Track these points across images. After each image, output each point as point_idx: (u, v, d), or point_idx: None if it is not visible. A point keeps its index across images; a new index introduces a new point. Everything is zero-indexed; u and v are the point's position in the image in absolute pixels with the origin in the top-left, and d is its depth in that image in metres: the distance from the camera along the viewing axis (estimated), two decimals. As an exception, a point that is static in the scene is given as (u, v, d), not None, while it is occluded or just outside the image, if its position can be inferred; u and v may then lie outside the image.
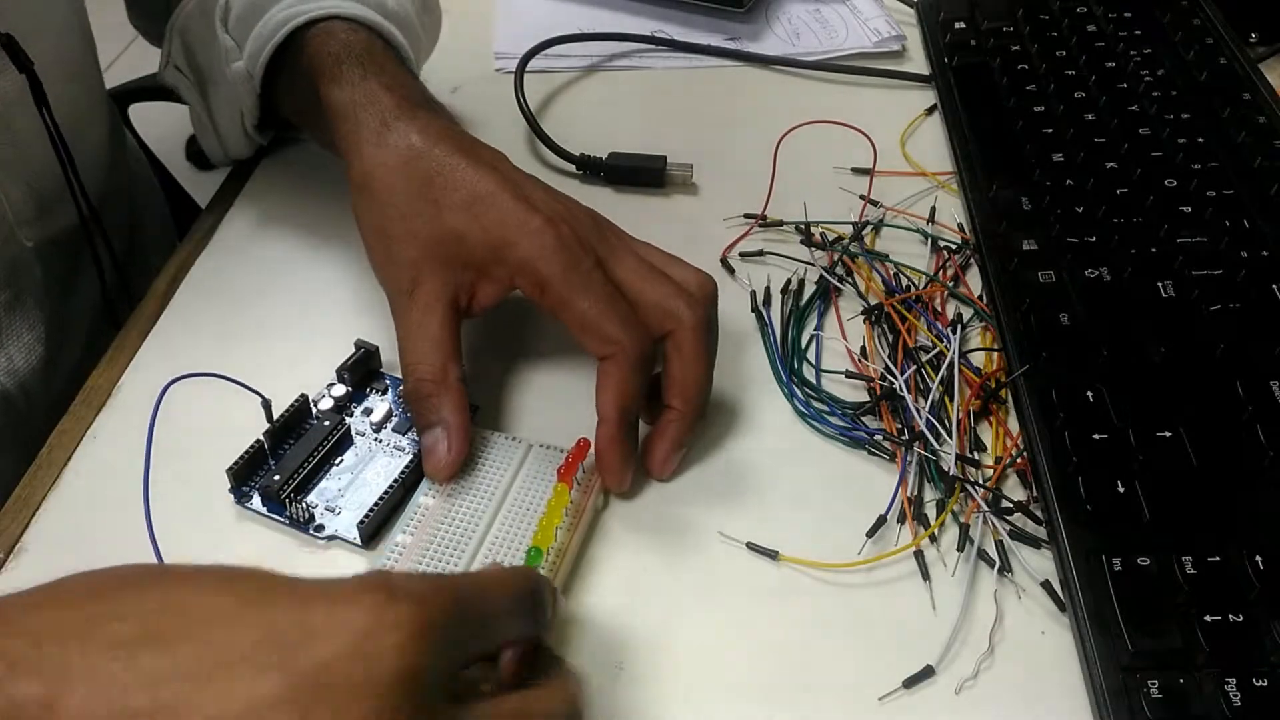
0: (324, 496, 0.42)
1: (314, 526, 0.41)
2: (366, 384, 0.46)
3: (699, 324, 0.43)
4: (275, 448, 0.43)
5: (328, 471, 0.43)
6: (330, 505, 0.42)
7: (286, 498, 0.41)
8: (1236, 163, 0.54)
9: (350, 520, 0.41)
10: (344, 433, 0.44)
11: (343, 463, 0.43)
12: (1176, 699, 0.34)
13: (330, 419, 0.44)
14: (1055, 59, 0.63)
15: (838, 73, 0.67)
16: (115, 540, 0.41)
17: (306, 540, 0.41)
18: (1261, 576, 0.37)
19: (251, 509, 0.42)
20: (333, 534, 0.41)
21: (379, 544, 0.41)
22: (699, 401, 0.43)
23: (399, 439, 0.44)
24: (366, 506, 0.41)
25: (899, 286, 0.51)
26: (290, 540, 0.42)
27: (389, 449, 0.44)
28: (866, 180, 0.57)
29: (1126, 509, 0.39)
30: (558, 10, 0.73)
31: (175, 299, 0.52)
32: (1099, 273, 0.49)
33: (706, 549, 0.41)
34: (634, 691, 0.37)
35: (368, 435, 0.44)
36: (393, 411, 0.45)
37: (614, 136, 0.60)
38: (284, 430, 0.43)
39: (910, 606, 0.39)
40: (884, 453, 0.44)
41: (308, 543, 0.41)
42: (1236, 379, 0.43)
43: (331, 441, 0.43)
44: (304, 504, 0.41)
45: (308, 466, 0.42)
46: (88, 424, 0.46)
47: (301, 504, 0.41)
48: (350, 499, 0.42)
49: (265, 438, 0.43)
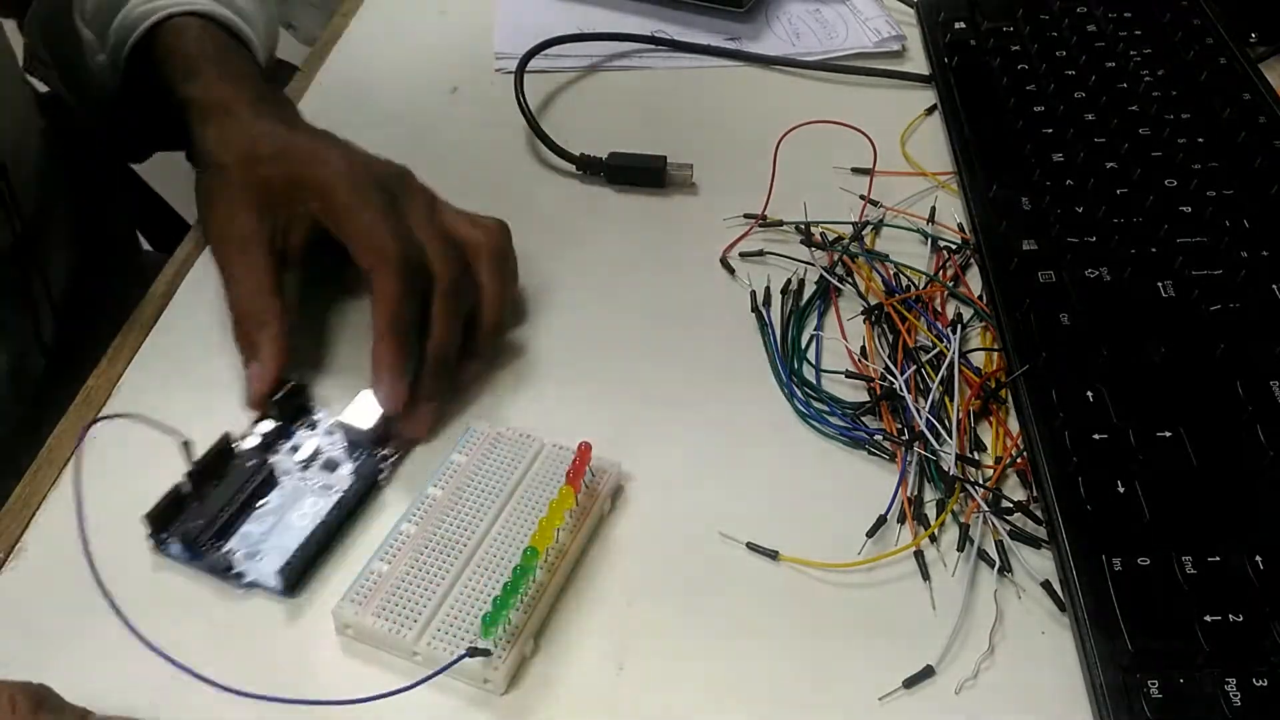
0: (246, 541, 0.40)
1: (233, 574, 0.40)
2: (295, 419, 0.45)
3: (494, 250, 0.46)
4: (197, 490, 0.41)
5: (251, 514, 0.41)
6: (251, 550, 0.40)
7: (205, 544, 0.40)
8: (1236, 163, 0.54)
9: (271, 567, 0.39)
10: (269, 473, 0.42)
11: (267, 505, 0.42)
12: (1176, 699, 0.34)
13: (255, 458, 0.43)
14: (1055, 59, 0.63)
15: (838, 73, 0.67)
16: (115, 541, 0.41)
17: (227, 589, 0.40)
18: (1261, 576, 0.37)
19: (171, 556, 0.40)
20: (253, 581, 0.39)
21: (303, 591, 0.40)
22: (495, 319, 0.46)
23: (327, 477, 0.43)
24: (289, 551, 0.39)
25: (899, 286, 0.51)
26: (209, 589, 0.40)
27: (316, 488, 0.42)
28: (866, 180, 0.57)
29: (1126, 509, 0.39)
30: (558, 10, 0.73)
31: (175, 299, 0.52)
32: (1099, 273, 0.49)
33: (706, 549, 0.41)
34: (634, 691, 0.37)
35: (293, 474, 0.43)
36: (321, 449, 0.44)
37: (614, 136, 0.60)
38: (207, 471, 0.42)
39: (910, 606, 0.39)
40: (884, 453, 0.44)
41: (227, 592, 0.40)
42: (1236, 379, 0.43)
43: (255, 482, 0.42)
44: (223, 550, 0.40)
45: (230, 509, 0.41)
46: (88, 424, 0.46)
47: (220, 550, 0.40)
48: (273, 543, 0.40)
49: (186, 479, 0.41)
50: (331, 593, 0.40)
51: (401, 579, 0.39)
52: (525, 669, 0.38)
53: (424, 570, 0.39)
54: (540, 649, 0.38)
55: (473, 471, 0.42)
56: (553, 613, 0.39)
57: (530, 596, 0.38)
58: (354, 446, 0.44)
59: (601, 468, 0.42)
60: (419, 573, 0.39)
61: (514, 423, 0.45)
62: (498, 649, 0.37)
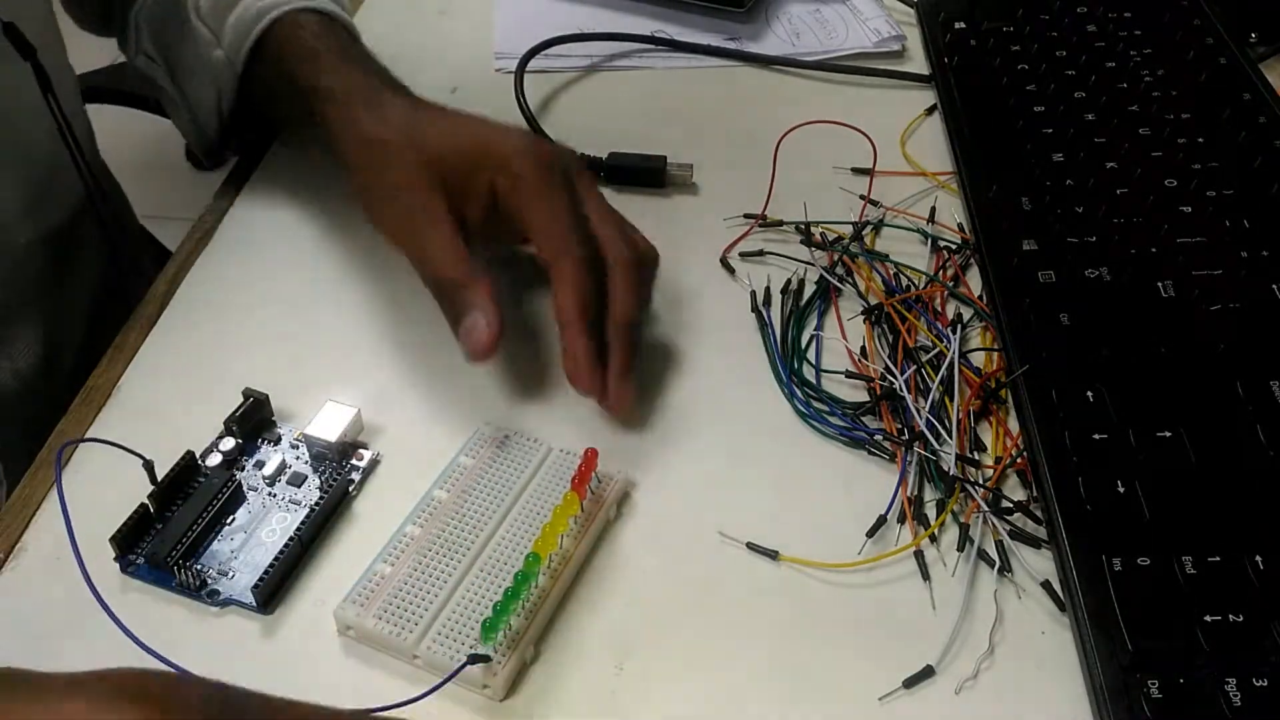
0: (216, 559, 0.40)
1: (207, 592, 0.39)
2: (258, 435, 0.44)
3: (638, 260, 0.46)
4: (162, 510, 0.41)
5: (219, 532, 0.41)
6: (223, 569, 0.40)
7: (174, 564, 0.39)
8: (1236, 163, 0.54)
9: (246, 583, 0.39)
10: (235, 489, 0.42)
11: (235, 522, 0.41)
12: (1176, 699, 0.34)
13: (219, 476, 0.42)
14: (1055, 59, 0.63)
15: (838, 73, 0.67)
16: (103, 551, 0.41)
17: (199, 608, 0.39)
18: (1261, 576, 0.37)
19: (139, 578, 0.40)
20: (227, 599, 0.39)
21: (277, 608, 0.39)
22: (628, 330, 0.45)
23: (294, 492, 0.42)
24: (262, 567, 0.39)
25: (899, 286, 0.51)
26: (182, 609, 0.39)
27: (283, 504, 0.42)
28: (866, 180, 0.57)
29: (1126, 509, 0.39)
30: (558, 10, 0.73)
31: (175, 299, 0.52)
32: (1099, 273, 0.49)
33: (707, 549, 0.41)
34: (634, 691, 0.37)
35: (260, 490, 0.42)
36: (286, 463, 0.43)
37: (614, 136, 0.60)
38: (170, 491, 0.41)
39: (910, 607, 0.39)
40: (884, 453, 0.44)
41: (200, 610, 0.39)
42: (1236, 379, 0.43)
43: (221, 500, 0.41)
44: (194, 569, 0.39)
45: (197, 528, 0.40)
46: (88, 424, 0.46)
47: (191, 569, 0.39)
48: (244, 560, 0.40)
49: (149, 500, 0.41)
50: (304, 608, 0.39)
51: (404, 581, 0.38)
52: (525, 675, 0.38)
53: (427, 573, 0.39)
54: (541, 655, 0.38)
55: (479, 474, 0.42)
56: (555, 619, 0.39)
57: (532, 603, 0.38)
58: (320, 459, 0.44)
59: (608, 474, 0.42)
60: (422, 575, 0.39)
61: (519, 425, 0.44)
62: (498, 655, 0.37)
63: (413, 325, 0.49)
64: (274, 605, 0.39)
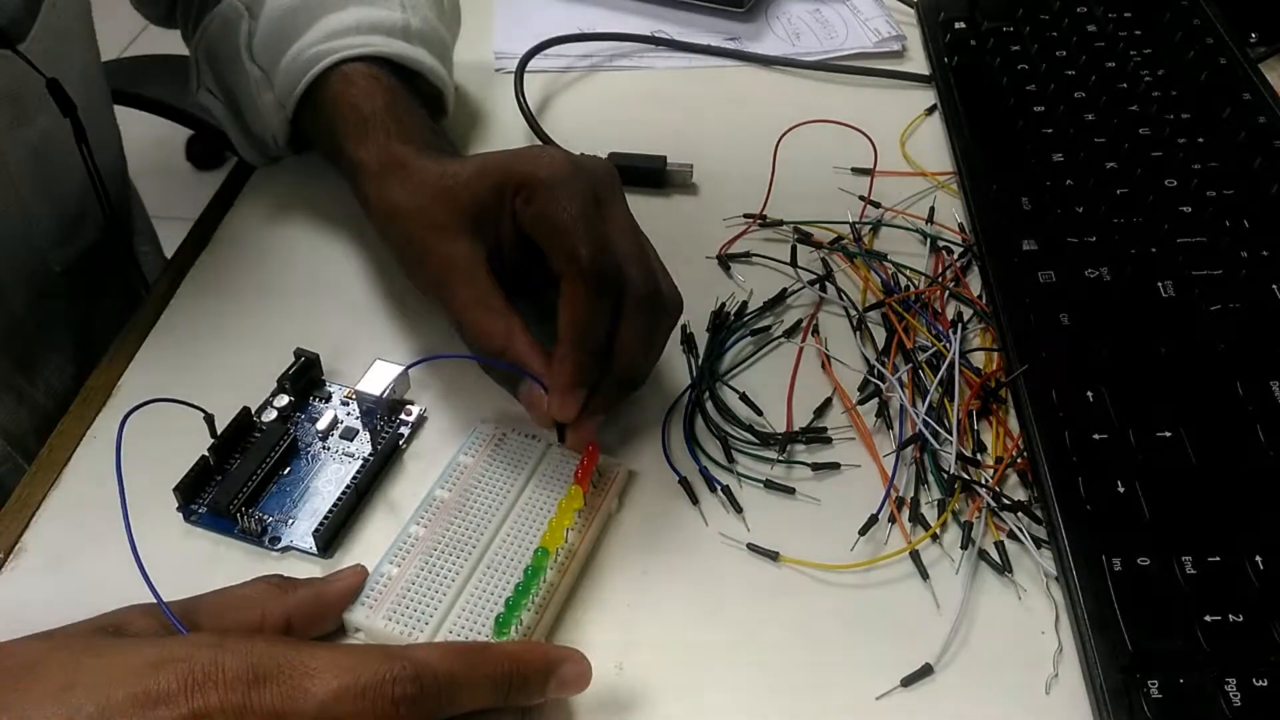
0: (277, 507, 0.42)
1: (269, 538, 0.41)
2: (309, 393, 0.46)
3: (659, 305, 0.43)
4: (221, 463, 0.43)
5: (277, 483, 0.42)
6: (283, 516, 0.41)
7: (237, 511, 0.41)
8: (1236, 163, 0.54)
9: (305, 529, 0.41)
10: (290, 443, 0.43)
11: (291, 473, 0.43)
12: (1176, 699, 0.34)
13: (275, 430, 0.44)
14: (1055, 59, 0.63)
15: (838, 73, 0.67)
16: (114, 541, 0.41)
17: (260, 553, 0.41)
18: (1261, 576, 0.37)
19: (201, 525, 0.41)
20: (288, 545, 0.41)
21: (335, 552, 0.41)
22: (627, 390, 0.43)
23: (347, 445, 0.44)
24: (320, 514, 0.41)
25: (898, 287, 0.51)
26: (243, 553, 0.41)
27: (338, 456, 0.44)
28: (866, 180, 0.57)
29: (1126, 509, 0.39)
30: (558, 10, 0.73)
31: (175, 299, 0.52)
32: (1099, 273, 0.49)
33: (707, 549, 0.41)
34: (634, 691, 0.37)
35: (314, 444, 0.44)
36: (338, 419, 0.45)
37: (614, 136, 0.60)
38: (229, 444, 0.43)
39: (910, 606, 0.39)
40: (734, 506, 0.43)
41: (262, 555, 0.41)
42: (1236, 379, 0.43)
43: (278, 453, 0.43)
44: (255, 516, 0.41)
45: (256, 479, 0.42)
46: (88, 424, 0.46)
47: (253, 516, 0.41)
48: (303, 508, 0.42)
49: (210, 453, 0.42)
50: (360, 553, 0.41)
51: (412, 582, 0.39)
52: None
53: (434, 573, 0.39)
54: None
55: (480, 473, 0.42)
56: (561, 613, 0.39)
57: (542, 597, 0.38)
58: (370, 414, 0.45)
59: (608, 466, 0.43)
60: (429, 575, 0.39)
61: (517, 423, 0.44)
62: None
63: (415, 319, 0.50)
64: (333, 550, 0.41)
